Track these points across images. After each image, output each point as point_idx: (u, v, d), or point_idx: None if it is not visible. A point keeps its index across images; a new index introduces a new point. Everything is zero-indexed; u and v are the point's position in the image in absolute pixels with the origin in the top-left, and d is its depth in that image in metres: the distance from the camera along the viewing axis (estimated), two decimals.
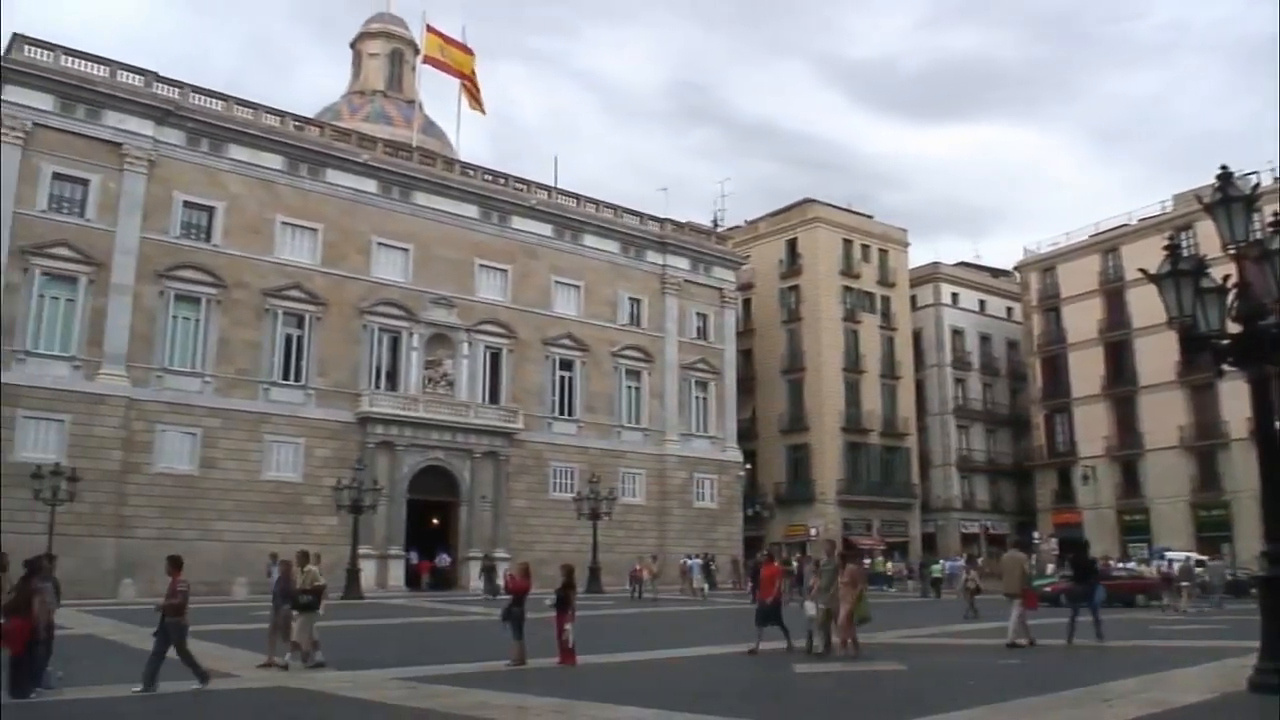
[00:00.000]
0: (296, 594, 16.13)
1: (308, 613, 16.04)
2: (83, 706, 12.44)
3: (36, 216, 38.28)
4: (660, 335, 55.72)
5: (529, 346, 50.63)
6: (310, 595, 16.11)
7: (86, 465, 36.13)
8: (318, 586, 16.37)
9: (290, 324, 43.84)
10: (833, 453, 63.73)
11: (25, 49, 39.11)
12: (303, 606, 15.99)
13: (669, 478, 54.50)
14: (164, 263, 40.77)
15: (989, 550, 68.56)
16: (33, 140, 38.54)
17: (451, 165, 51.43)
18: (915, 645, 20.53)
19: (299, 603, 16.00)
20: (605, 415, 53.02)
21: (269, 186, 44.18)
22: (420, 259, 47.80)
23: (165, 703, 12.95)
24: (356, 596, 37.03)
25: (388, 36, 63.75)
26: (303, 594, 16.08)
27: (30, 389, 37.06)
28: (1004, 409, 74.64)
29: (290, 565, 16.87)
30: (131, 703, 12.94)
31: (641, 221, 56.77)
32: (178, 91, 42.49)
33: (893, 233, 71.82)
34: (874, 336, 67.39)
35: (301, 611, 15.99)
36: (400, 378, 46.58)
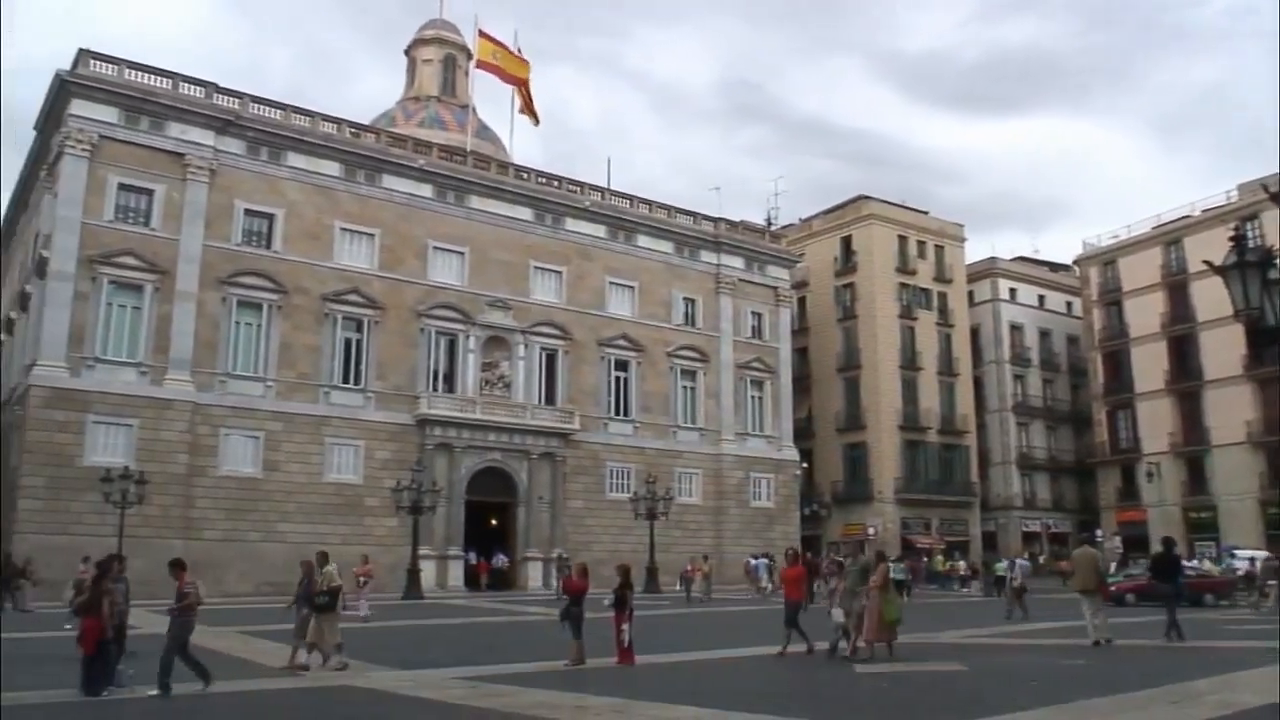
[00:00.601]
0: (314, 595, 16.08)
1: (325, 614, 15.96)
2: (152, 704, 12.66)
3: (104, 226, 39.14)
4: (715, 335, 55.58)
5: (584, 347, 50.76)
6: (327, 596, 16.03)
7: (154, 469, 36.88)
8: (334, 588, 16.25)
9: (349, 328, 44.38)
10: (890, 451, 63.15)
11: (91, 64, 40.00)
12: (320, 607, 15.91)
13: (725, 477, 54.35)
14: (226, 270, 41.48)
15: (1051, 549, 67.67)
16: (99, 152, 39.40)
17: (505, 168, 51.73)
18: (976, 645, 20.27)
19: (316, 604, 15.93)
20: (661, 415, 53.00)
21: (327, 193, 44.77)
22: (476, 262, 48.16)
23: (229, 701, 13.17)
24: (417, 596, 37.40)
25: (441, 43, 64.33)
26: (319, 595, 16.00)
27: (100, 394, 37.93)
28: (1065, 405, 73.44)
29: (312, 566, 16.76)
30: (196, 700, 13.17)
31: (695, 221, 56.68)
32: (237, 102, 43.21)
33: (949, 228, 71.00)
34: (931, 333, 66.69)
35: (319, 613, 15.92)
36: (457, 380, 46.95)
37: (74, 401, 37.39)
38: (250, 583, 38.61)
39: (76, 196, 38.63)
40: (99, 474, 34.29)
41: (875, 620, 16.61)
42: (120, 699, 12.68)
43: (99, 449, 37.31)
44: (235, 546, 39.29)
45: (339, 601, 16.30)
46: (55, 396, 37.09)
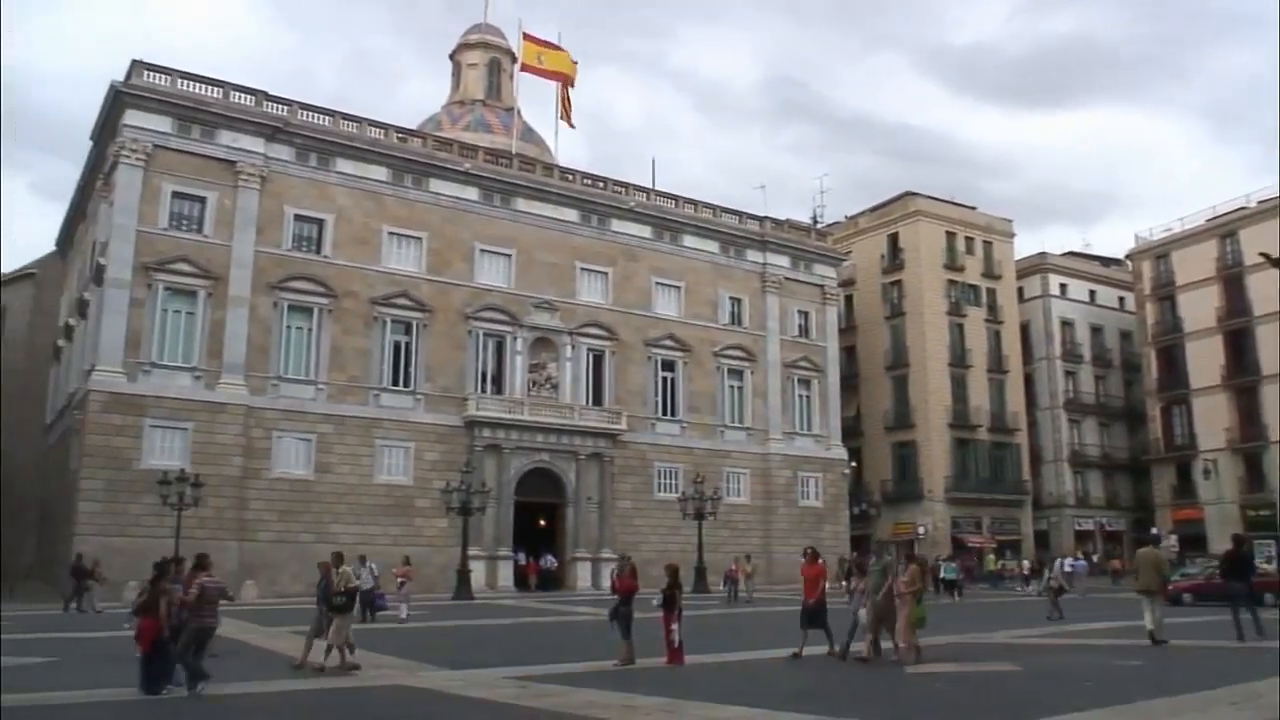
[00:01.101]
0: (330, 595, 16.11)
1: (341, 614, 15.99)
2: (213, 703, 12.87)
3: (158, 234, 39.81)
4: (762, 334, 55.40)
5: (631, 348, 50.82)
6: (343, 596, 16.07)
7: (209, 471, 37.40)
8: (351, 588, 16.32)
9: (398, 331, 44.77)
10: (940, 449, 62.58)
11: (145, 74, 40.69)
12: (336, 608, 15.94)
13: (773, 477, 54.15)
14: (277, 275, 42.03)
15: (1105, 548, 66.69)
16: (153, 161, 40.07)
17: (551, 170, 51.92)
18: (1029, 645, 20.03)
19: (332, 604, 15.97)
20: (708, 415, 52.92)
21: (375, 198, 45.20)
22: (522, 264, 48.39)
23: (281, 700, 13.37)
24: (467, 597, 37.66)
25: (485, 47, 64.65)
26: (336, 595, 16.04)
27: (156, 399, 38.58)
28: (1118, 402, 72.33)
29: (329, 567, 16.74)
30: (253, 698, 13.40)
31: (740, 220, 56.53)
32: (286, 109, 43.75)
33: (997, 224, 70.24)
34: (980, 330, 66.01)
35: (335, 613, 15.95)
36: (505, 381, 47.20)
37: (131, 406, 38.07)
38: (303, 583, 38.90)
39: (132, 205, 39.35)
40: (156, 476, 34.88)
41: (906, 624, 16.28)
42: (177, 698, 12.89)
43: (156, 452, 37.95)
44: (288, 548, 39.76)
45: (355, 602, 16.36)
46: (113, 401, 37.79)
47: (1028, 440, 67.22)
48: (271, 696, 13.65)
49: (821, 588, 17.78)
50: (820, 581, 17.73)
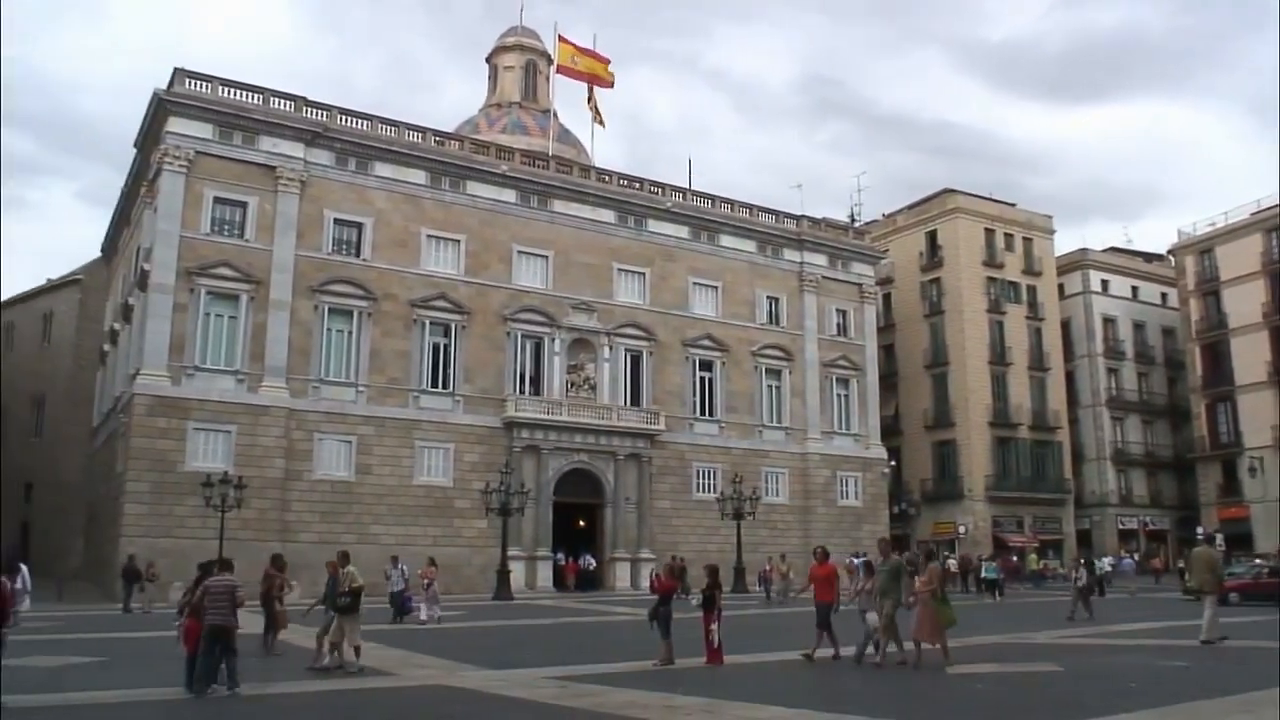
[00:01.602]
0: (336, 596, 15.93)
1: (347, 615, 15.83)
2: (254, 703, 13.00)
3: (201, 239, 40.29)
4: (800, 333, 55.17)
5: (669, 348, 50.78)
6: (349, 596, 15.87)
7: (252, 473, 37.83)
8: (355, 588, 16.05)
9: (437, 333, 45.02)
10: (980, 448, 62.06)
11: (187, 82, 41.19)
12: (341, 609, 15.77)
13: (812, 476, 53.90)
14: (317, 278, 42.40)
15: (1148, 547, 65.83)
16: (196, 167, 40.57)
17: (587, 172, 52.00)
18: (1072, 645, 19.78)
19: (337, 605, 15.80)
20: (746, 415, 52.77)
21: (413, 201, 45.49)
22: (560, 265, 48.51)
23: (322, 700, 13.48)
24: (506, 597, 37.78)
25: (521, 49, 64.91)
26: (341, 595, 15.87)
27: (199, 402, 39.04)
28: (1161, 399, 71.33)
29: (335, 567, 16.53)
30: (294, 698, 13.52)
31: (777, 220, 56.33)
32: (325, 114, 44.12)
33: (1037, 220, 69.55)
34: (1020, 328, 65.41)
35: (340, 613, 15.77)
36: (543, 382, 47.32)
37: (175, 409, 38.56)
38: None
39: (175, 211, 39.85)
40: (200, 479, 35.25)
41: (928, 624, 15.80)
42: (220, 698, 13.02)
43: (199, 454, 38.42)
44: (330, 549, 39.71)
45: (360, 602, 16.13)
46: (157, 404, 38.30)
47: (1069, 438, 66.48)
48: (312, 696, 13.77)
49: (835, 588, 17.43)
50: (832, 582, 17.35)
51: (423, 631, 24.02)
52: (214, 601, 13.37)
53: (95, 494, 49.03)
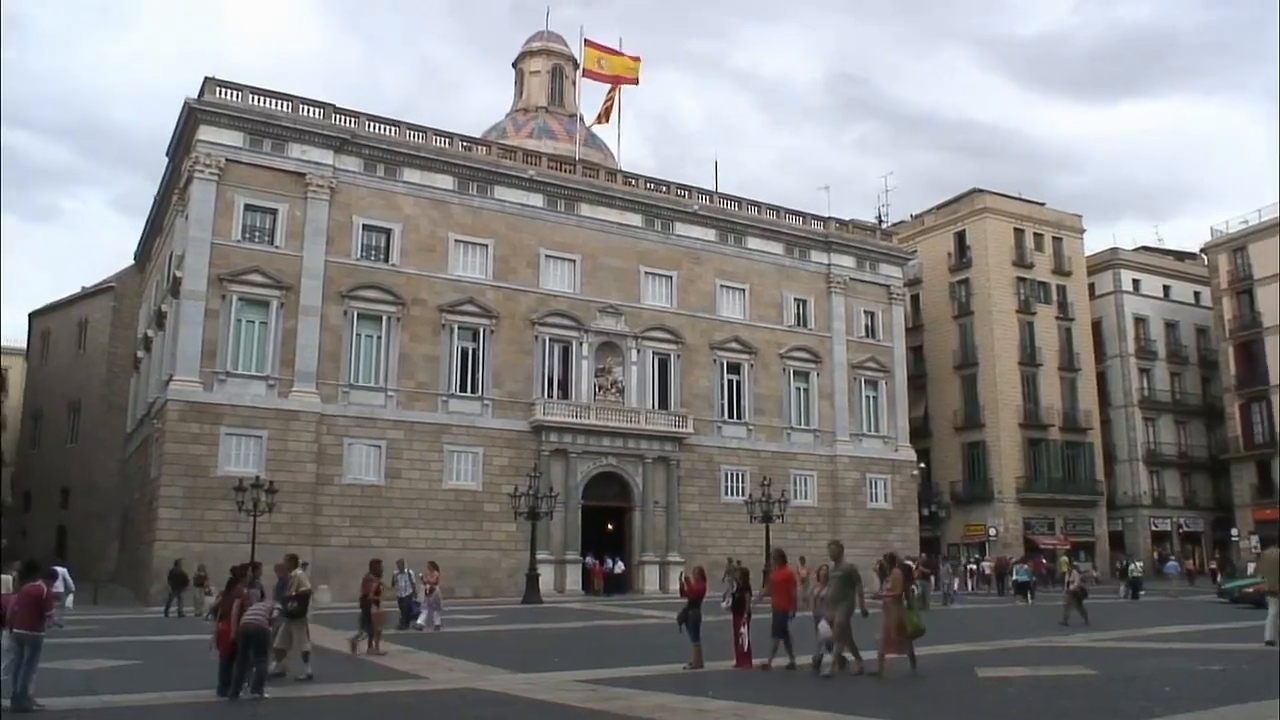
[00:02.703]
0: (284, 600, 15.44)
1: (294, 620, 15.38)
2: (285, 705, 13.06)
3: (232, 246, 40.64)
4: (827, 335, 54.95)
5: (696, 351, 50.72)
6: (295, 601, 15.46)
7: (283, 478, 38.09)
8: (303, 592, 15.69)
9: (465, 338, 45.17)
10: (1011, 449, 61.62)
11: (217, 91, 41.58)
12: (289, 614, 15.29)
13: (841, 479, 53.65)
14: (347, 284, 42.65)
15: (1183, 548, 65.05)
16: (226, 175, 40.92)
17: (614, 175, 52.04)
18: (1105, 649, 19.54)
19: (285, 609, 15.24)
20: (774, 417, 52.60)
21: (441, 206, 45.67)
22: (587, 269, 48.56)
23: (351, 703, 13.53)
24: (535, 601, 37.83)
25: (548, 54, 65.02)
26: (289, 600, 15.43)
27: (231, 407, 39.35)
28: (1194, 399, 70.52)
29: (285, 570, 16.16)
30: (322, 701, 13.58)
31: (804, 221, 56.13)
32: (354, 121, 44.40)
33: (1066, 219, 69.03)
34: (1050, 328, 64.94)
35: (288, 618, 15.27)
36: (571, 386, 47.37)
37: (208, 414, 38.89)
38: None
39: (206, 218, 40.21)
40: (232, 483, 35.50)
41: (891, 633, 15.01)
42: (252, 699, 13.08)
43: (231, 459, 38.72)
44: (360, 553, 40.07)
45: (308, 607, 15.78)
46: (190, 410, 38.62)
47: (1101, 439, 65.88)
48: (339, 700, 13.82)
49: (793, 595, 16.50)
50: (790, 587, 16.44)
51: (450, 634, 24.05)
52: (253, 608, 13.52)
53: (130, 499, 49.51)
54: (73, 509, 61.81)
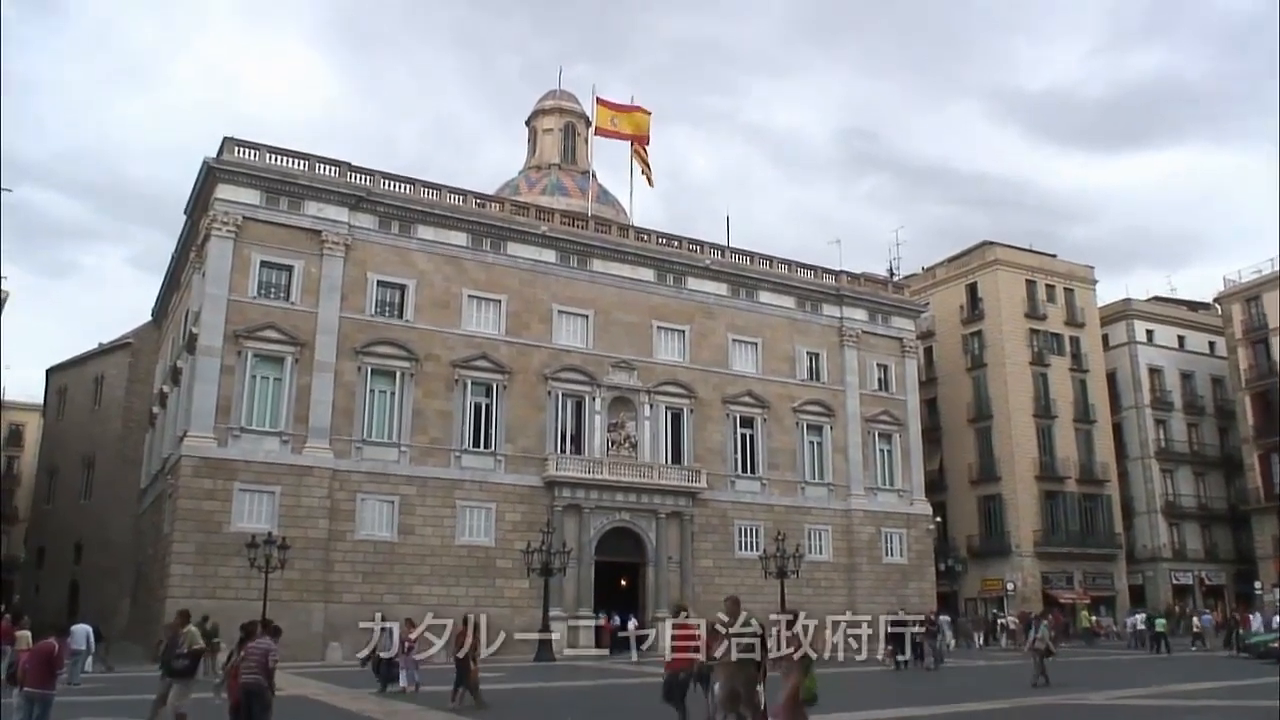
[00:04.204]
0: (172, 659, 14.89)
1: (182, 679, 14.82)
2: None
3: (248, 302, 41.02)
4: (841, 389, 54.92)
5: (709, 406, 50.72)
6: (186, 660, 14.88)
7: (295, 534, 38.06)
8: (195, 650, 15.16)
9: (479, 393, 45.30)
10: (1027, 502, 61.21)
11: (235, 150, 42.23)
12: (177, 671, 14.73)
13: (856, 533, 53.30)
14: (361, 340, 42.92)
15: (1205, 603, 64.24)
16: (243, 233, 41.42)
17: (626, 231, 52.43)
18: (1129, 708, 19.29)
19: (173, 668, 14.70)
20: (788, 472, 52.42)
21: (455, 262, 46.05)
22: (600, 324, 48.77)
23: None
24: (548, 659, 37.49)
25: (560, 112, 65.77)
26: (178, 658, 14.85)
27: (245, 463, 39.46)
28: (1213, 450, 70.07)
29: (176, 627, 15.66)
30: None
31: (816, 275, 56.36)
32: (369, 179, 44.94)
33: (1078, 270, 69.18)
34: (1065, 380, 64.81)
35: (175, 677, 14.75)
36: (584, 441, 47.36)
37: (222, 470, 39.00)
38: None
39: (223, 275, 40.64)
40: (244, 539, 35.54)
41: (791, 701, 13.11)
42: None
43: (244, 515, 38.75)
44: (372, 610, 40.02)
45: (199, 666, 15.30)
46: (204, 465, 38.75)
47: (1119, 491, 65.45)
48: None
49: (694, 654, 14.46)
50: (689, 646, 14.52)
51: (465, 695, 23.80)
52: (247, 664, 13.51)
53: (143, 555, 49.50)
54: (85, 565, 61.81)
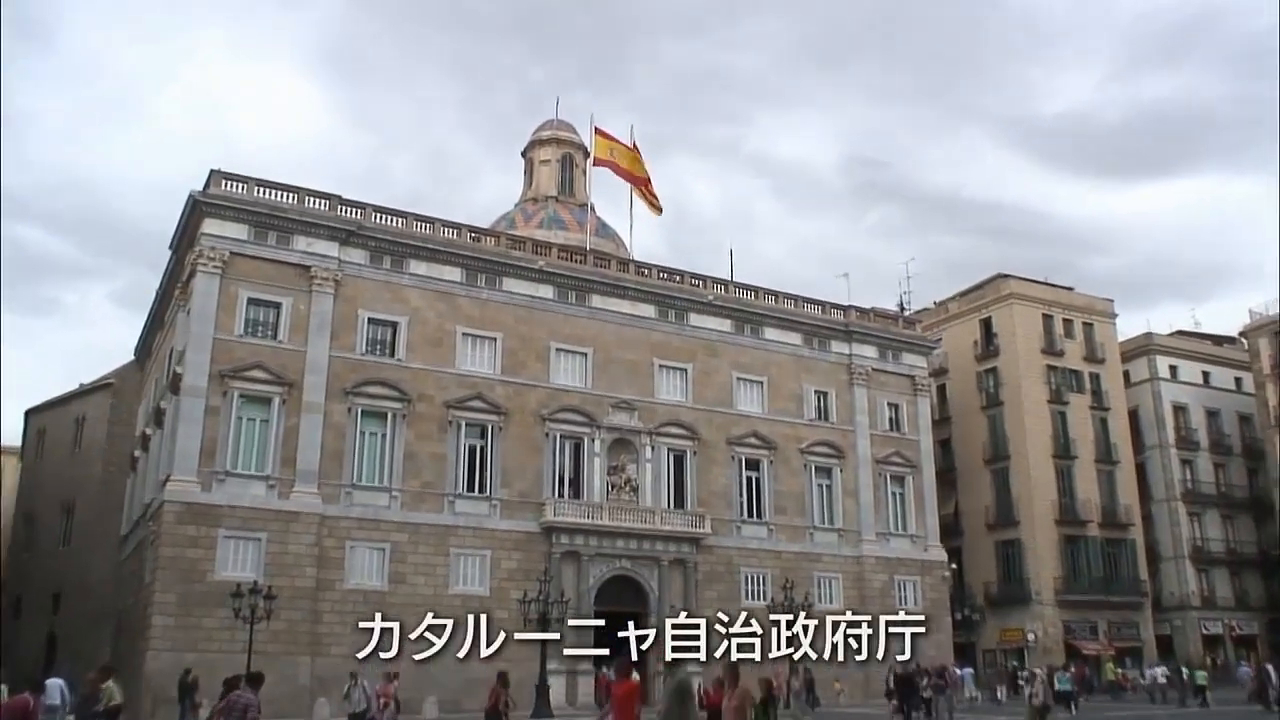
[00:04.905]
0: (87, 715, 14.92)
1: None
2: None
3: (234, 340, 41.21)
4: (850, 429, 54.94)
5: (713, 447, 50.73)
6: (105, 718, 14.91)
7: (282, 583, 37.96)
8: (113, 707, 15.12)
9: (473, 435, 45.37)
10: (1047, 548, 61.05)
11: (223, 184, 42.55)
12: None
13: (867, 581, 53.06)
14: (351, 380, 43.07)
15: (1237, 653, 63.82)
16: (230, 268, 41.67)
17: (626, 265, 52.68)
18: None
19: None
20: (796, 516, 52.30)
21: (448, 298, 46.29)
22: (599, 362, 48.92)
23: None
24: (546, 714, 37.33)
25: (557, 143, 66.21)
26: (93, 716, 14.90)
27: (230, 509, 39.47)
28: (1241, 491, 69.91)
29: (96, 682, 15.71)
30: None
31: (824, 310, 56.54)
32: (360, 212, 45.24)
33: (1097, 304, 69.40)
34: (1085, 418, 64.83)
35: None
36: (583, 485, 47.35)
37: (205, 516, 38.99)
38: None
39: (209, 312, 40.87)
40: (229, 589, 35.39)
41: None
42: None
43: (229, 564, 38.69)
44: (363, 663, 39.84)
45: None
46: (187, 511, 38.75)
47: (1143, 536, 65.25)
48: None
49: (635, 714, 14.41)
50: (632, 706, 14.44)
51: None
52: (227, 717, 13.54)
53: (123, 604, 49.36)
54: (64, 615, 61.52)
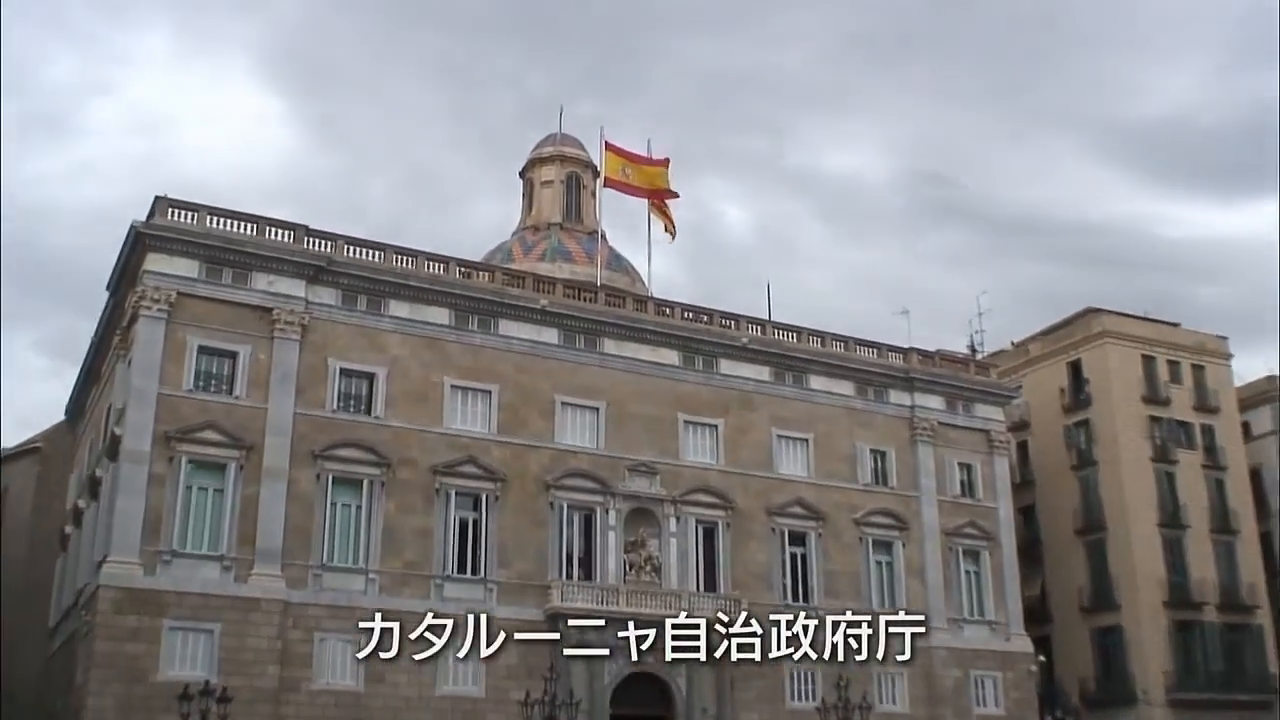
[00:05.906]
0: None
1: None
2: None
3: (182, 397, 41.69)
4: (914, 494, 54.95)
5: (750, 518, 50.80)
6: None
7: (239, 683, 37.80)
8: None
9: (464, 506, 45.62)
10: (1154, 635, 60.71)
11: (170, 213, 43.19)
12: None
13: (938, 677, 52.74)
14: (320, 442, 43.45)
15: None
16: (178, 311, 42.20)
17: (644, 304, 53.06)
18: None
19: None
20: (851, 599, 51.97)
21: (435, 345, 46.75)
22: (613, 418, 49.20)
23: None
24: None
25: (562, 160, 66.76)
26: None
27: (178, 595, 39.66)
28: None
29: None
30: None
31: (880, 354, 56.76)
32: (331, 245, 45.85)
33: (1209, 342, 69.47)
34: (1197, 479, 64.78)
35: None
36: (596, 564, 47.45)
37: (148, 604, 39.15)
38: None
39: (153, 364, 41.36)
40: (176, 690, 35.15)
41: None
42: None
43: (175, 661, 38.79)
44: None
45: None
46: (127, 599, 38.93)
47: (1272, 620, 64.68)
48: None
49: None
50: None
51: None
52: None
53: (52, 708, 49.53)
54: None
